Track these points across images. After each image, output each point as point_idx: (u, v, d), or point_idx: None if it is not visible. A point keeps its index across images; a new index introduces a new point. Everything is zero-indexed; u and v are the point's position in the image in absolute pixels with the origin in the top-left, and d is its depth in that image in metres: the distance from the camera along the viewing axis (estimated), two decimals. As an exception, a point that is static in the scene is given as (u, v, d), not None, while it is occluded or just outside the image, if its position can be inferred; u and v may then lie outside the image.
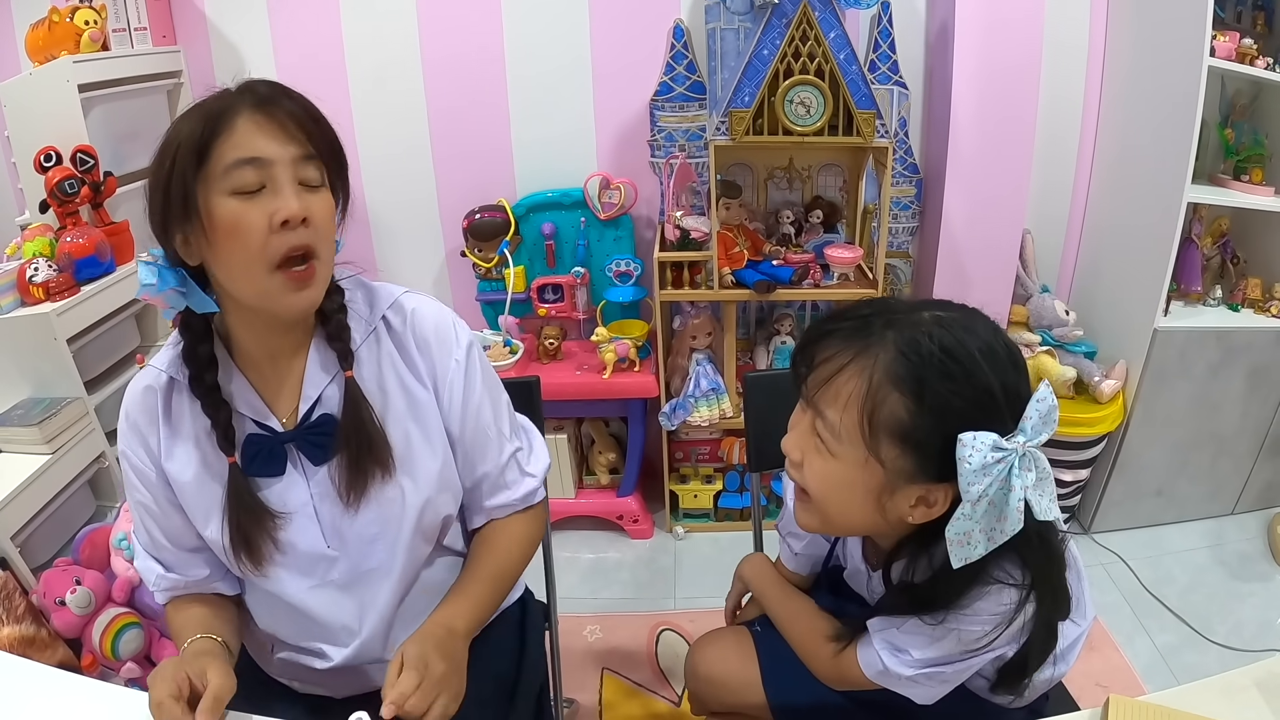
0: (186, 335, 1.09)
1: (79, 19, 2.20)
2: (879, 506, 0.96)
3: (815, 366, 0.98)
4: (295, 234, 0.99)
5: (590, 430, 2.79)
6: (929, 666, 1.06)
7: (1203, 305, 2.56)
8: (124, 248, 2.24)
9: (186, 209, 0.97)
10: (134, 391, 1.13)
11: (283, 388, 1.13)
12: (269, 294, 1.01)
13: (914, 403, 0.90)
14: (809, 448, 1.00)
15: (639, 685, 2.15)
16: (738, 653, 1.34)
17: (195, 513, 1.12)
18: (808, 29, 2.12)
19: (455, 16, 2.54)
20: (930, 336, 0.91)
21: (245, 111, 0.98)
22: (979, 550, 0.91)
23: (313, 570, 1.15)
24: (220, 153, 0.96)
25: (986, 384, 0.90)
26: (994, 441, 0.87)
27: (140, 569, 1.19)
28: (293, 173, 1.00)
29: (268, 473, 1.12)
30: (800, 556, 1.38)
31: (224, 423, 1.09)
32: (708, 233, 2.37)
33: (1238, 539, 2.65)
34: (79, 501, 2.10)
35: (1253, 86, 2.49)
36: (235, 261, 1.00)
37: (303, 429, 1.12)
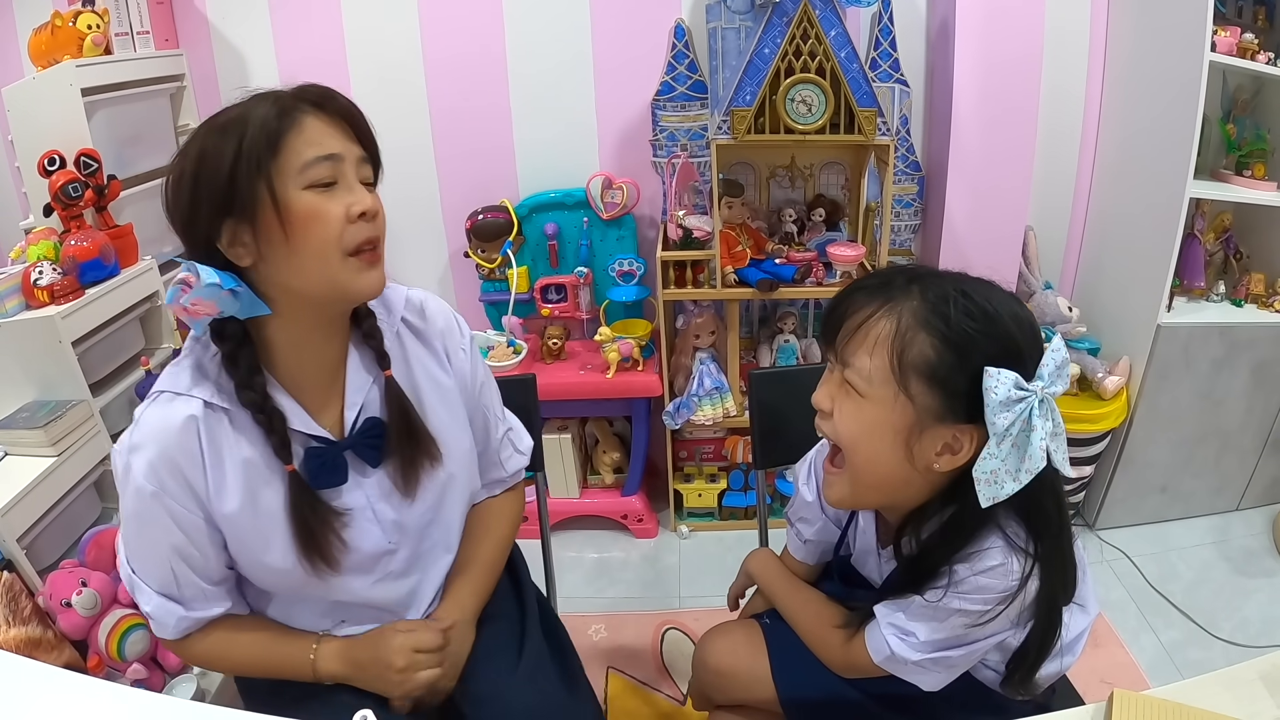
0: (224, 344, 1.07)
1: (82, 23, 2.21)
2: (908, 452, 0.99)
3: (843, 324, 1.02)
4: (370, 225, 1.04)
5: (594, 430, 2.79)
6: (936, 650, 1.07)
7: (1206, 301, 2.56)
8: (128, 251, 2.24)
9: (256, 199, 0.98)
10: (169, 427, 1.05)
11: (323, 397, 1.15)
12: (341, 279, 1.04)
13: (940, 342, 0.95)
14: (839, 396, 1.03)
15: (644, 684, 2.15)
16: (747, 646, 1.34)
17: (252, 541, 1.11)
18: (809, 27, 2.12)
19: (457, 17, 2.55)
20: (955, 289, 0.97)
21: (309, 110, 1.02)
22: (1007, 489, 0.94)
23: (374, 567, 1.20)
24: (294, 148, 0.99)
25: (1008, 330, 0.96)
26: (1016, 380, 0.92)
27: (154, 612, 1.12)
28: (357, 171, 1.05)
29: (332, 483, 1.14)
30: (809, 544, 1.38)
31: (280, 431, 1.08)
32: (710, 232, 2.38)
33: (1243, 535, 2.65)
34: (84, 504, 2.10)
35: (1254, 81, 2.49)
36: (311, 250, 1.01)
37: (357, 435, 1.16)
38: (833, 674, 1.23)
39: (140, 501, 1.05)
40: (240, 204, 0.99)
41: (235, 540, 1.11)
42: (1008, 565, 1.00)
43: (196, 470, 1.06)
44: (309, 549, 1.10)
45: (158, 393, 1.08)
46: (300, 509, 1.10)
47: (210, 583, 1.13)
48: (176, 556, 1.09)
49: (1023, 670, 1.10)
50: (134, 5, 2.41)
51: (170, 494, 1.05)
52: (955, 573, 1.02)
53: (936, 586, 1.03)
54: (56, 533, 1.99)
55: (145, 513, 1.06)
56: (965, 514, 1.01)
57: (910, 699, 1.16)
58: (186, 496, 1.06)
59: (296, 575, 1.13)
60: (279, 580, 1.16)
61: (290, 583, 1.15)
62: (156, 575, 1.11)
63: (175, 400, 1.06)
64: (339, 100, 1.06)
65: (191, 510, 1.07)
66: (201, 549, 1.09)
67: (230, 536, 1.10)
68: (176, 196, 1.02)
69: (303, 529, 1.10)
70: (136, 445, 1.05)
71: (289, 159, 0.99)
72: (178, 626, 1.13)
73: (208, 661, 1.20)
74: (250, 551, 1.11)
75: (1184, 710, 0.95)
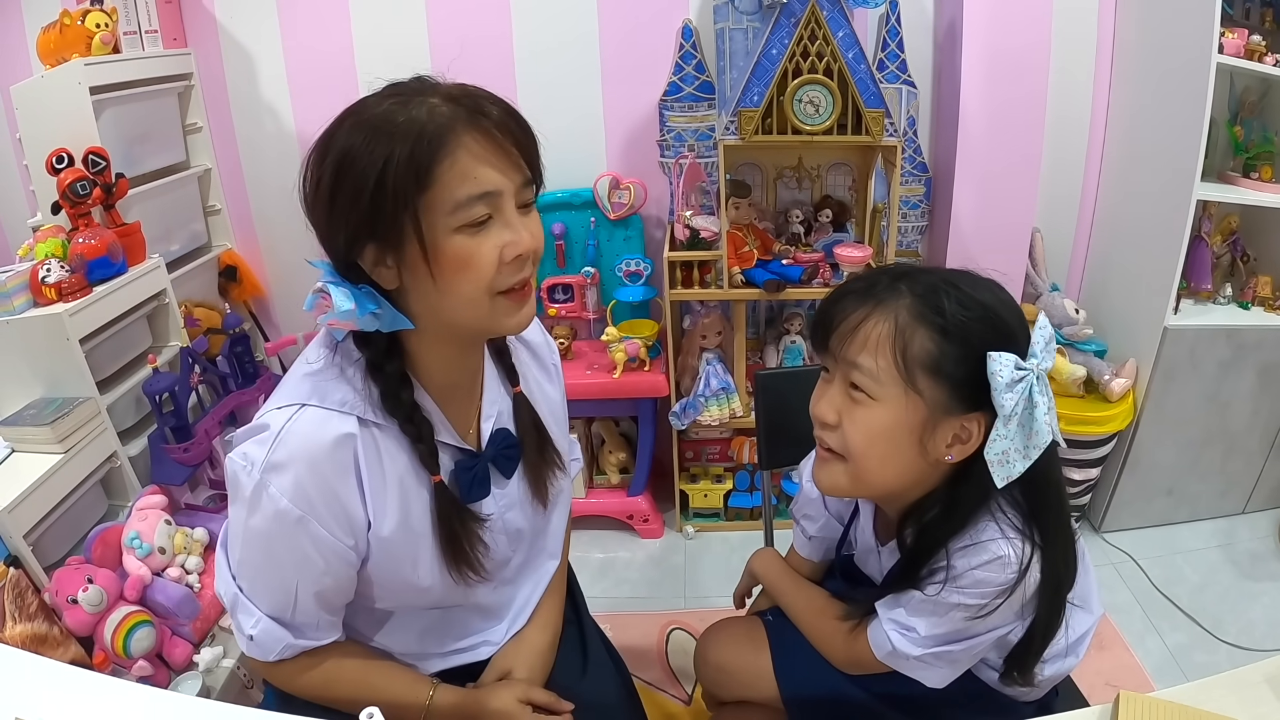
0: (370, 351, 1.01)
1: (90, 22, 2.21)
2: (921, 449, 1.01)
3: (836, 328, 1.03)
4: (523, 265, 0.97)
5: (600, 430, 2.79)
6: (937, 645, 1.07)
7: (1213, 303, 2.55)
8: (135, 248, 2.25)
9: (402, 233, 0.90)
10: (321, 445, 0.96)
11: (463, 409, 1.13)
12: (490, 318, 0.98)
13: (940, 335, 0.97)
14: (844, 406, 1.03)
15: (650, 684, 2.15)
16: (749, 642, 1.35)
17: (402, 561, 1.06)
18: (816, 28, 2.12)
19: (464, 15, 2.55)
20: (944, 282, 1.00)
21: (463, 130, 0.90)
22: (1018, 468, 0.97)
23: (494, 575, 1.18)
24: (446, 182, 0.89)
25: (999, 314, 0.99)
26: (1015, 361, 0.95)
27: (259, 636, 1.03)
28: (516, 200, 0.95)
29: (479, 495, 1.12)
30: (814, 540, 1.38)
31: (429, 441, 1.04)
32: (717, 232, 2.38)
33: (1249, 538, 2.64)
34: (91, 501, 2.11)
35: (1262, 83, 2.49)
36: (459, 293, 0.94)
37: (494, 447, 1.15)
38: (835, 672, 1.23)
39: (281, 525, 0.96)
40: (383, 232, 0.91)
41: (385, 561, 1.05)
42: (1005, 558, 1.00)
43: (353, 490, 1.00)
44: (457, 559, 1.08)
45: (300, 404, 0.98)
46: (449, 520, 1.06)
47: (330, 612, 1.08)
48: (307, 584, 1.01)
49: (1024, 660, 1.11)
50: (142, 4, 2.42)
51: (319, 519, 0.97)
52: (953, 567, 1.03)
53: (935, 581, 1.04)
54: (63, 529, 1.99)
55: (282, 537, 0.98)
56: (962, 495, 1.03)
57: (913, 698, 1.16)
58: (335, 523, 0.99)
59: (440, 590, 1.11)
60: (417, 598, 1.13)
61: (431, 598, 1.13)
62: (271, 600, 1.03)
63: (328, 417, 0.98)
64: (499, 112, 0.94)
65: (338, 537, 1.00)
66: (336, 577, 1.03)
67: (380, 557, 1.05)
68: (314, 204, 0.95)
69: (450, 540, 1.07)
70: (279, 464, 0.95)
71: (439, 194, 0.89)
72: (281, 654, 1.05)
73: (307, 690, 1.11)
74: (398, 572, 1.07)
75: (1190, 712, 0.95)
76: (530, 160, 0.97)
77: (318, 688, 1.11)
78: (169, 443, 2.21)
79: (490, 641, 1.25)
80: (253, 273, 2.82)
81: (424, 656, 1.21)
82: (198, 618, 1.87)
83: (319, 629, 1.07)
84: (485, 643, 1.24)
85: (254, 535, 0.99)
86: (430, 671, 1.21)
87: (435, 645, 1.22)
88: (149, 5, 2.45)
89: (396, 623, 1.18)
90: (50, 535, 1.94)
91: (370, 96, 0.95)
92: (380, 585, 1.09)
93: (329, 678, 1.11)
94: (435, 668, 1.22)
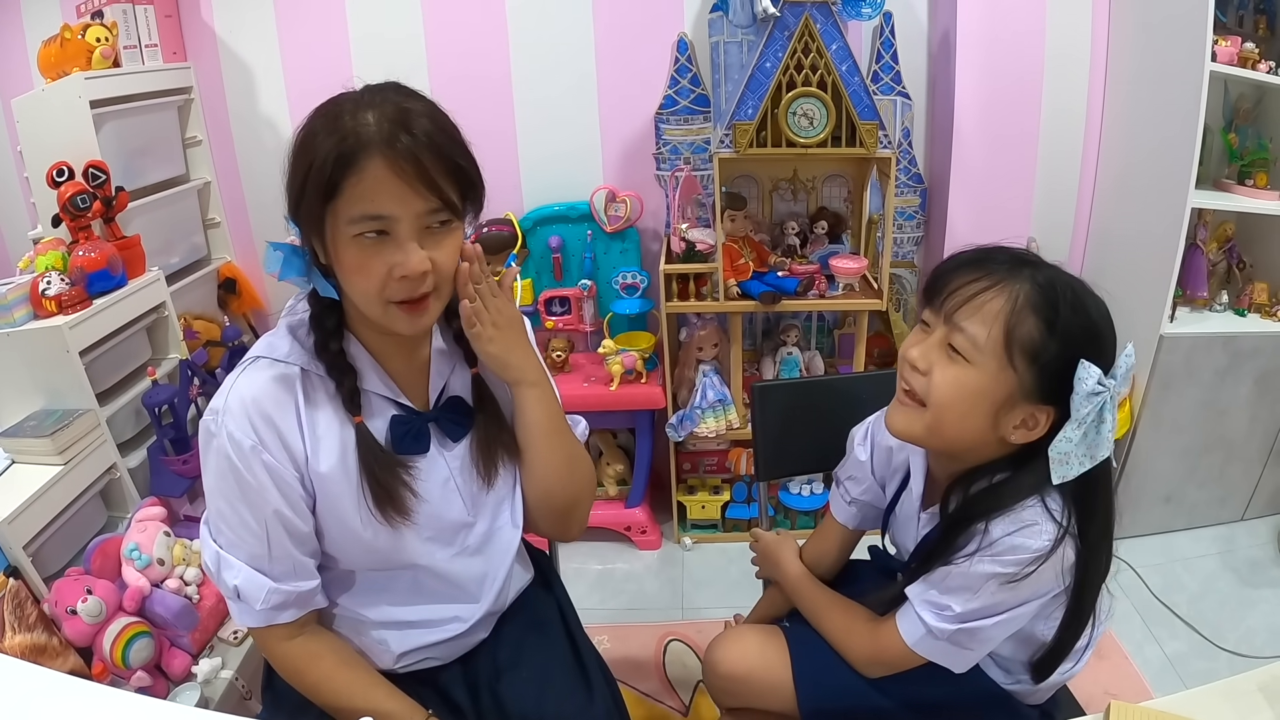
0: (315, 304, 1.13)
1: (90, 36, 2.23)
2: (994, 420, 1.06)
3: (954, 290, 1.07)
4: (412, 284, 1.04)
5: (598, 442, 2.80)
6: (971, 620, 1.09)
7: (1209, 310, 2.56)
8: (135, 261, 2.26)
9: (319, 228, 1.02)
10: (259, 384, 1.08)
11: (410, 372, 1.20)
12: (384, 319, 1.07)
13: (1048, 328, 1.02)
14: (938, 358, 1.08)
15: (647, 695, 2.15)
16: (763, 651, 1.33)
17: (343, 503, 1.12)
18: (810, 41, 2.13)
19: (462, 28, 2.57)
20: (1062, 279, 1.06)
21: (376, 154, 0.98)
22: (1074, 470, 1.03)
23: (454, 539, 1.23)
24: (349, 196, 0.99)
25: (1101, 324, 1.05)
26: (1100, 376, 0.99)
27: (243, 585, 1.10)
28: (416, 224, 1.02)
29: (415, 450, 1.17)
30: (854, 504, 1.39)
31: (350, 386, 1.12)
32: (713, 245, 2.39)
33: (1248, 545, 2.64)
34: (90, 512, 2.11)
35: (1256, 91, 2.50)
36: (354, 291, 1.06)
37: (441, 410, 1.21)
38: (856, 680, 1.23)
39: (238, 455, 1.05)
40: (306, 223, 1.04)
41: (325, 503, 1.12)
42: (1040, 526, 1.05)
43: (293, 427, 1.09)
44: (380, 500, 1.12)
45: (254, 358, 1.11)
46: (368, 461, 1.12)
47: (303, 552, 1.13)
48: (274, 519, 1.08)
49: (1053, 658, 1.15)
50: (142, 18, 2.44)
51: (268, 448, 1.06)
52: (988, 532, 1.06)
53: (968, 552, 1.07)
54: (62, 540, 1.99)
55: (243, 469, 1.06)
56: (1015, 481, 1.08)
57: (930, 705, 1.18)
58: (283, 452, 1.08)
59: (381, 540, 1.15)
60: (364, 552, 1.17)
61: (377, 554, 1.17)
62: (247, 545, 1.10)
63: (273, 365, 1.10)
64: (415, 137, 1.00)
65: (287, 466, 1.08)
66: (297, 509, 1.10)
67: (321, 499, 1.12)
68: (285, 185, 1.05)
69: (373, 480, 1.12)
70: (231, 406, 1.06)
71: (342, 206, 0.99)
72: (266, 601, 1.10)
73: (300, 666, 1.16)
74: (340, 516, 1.13)
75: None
76: (441, 187, 1.02)
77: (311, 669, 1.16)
78: (168, 454, 2.22)
79: (461, 618, 1.26)
80: (252, 285, 2.84)
81: (398, 625, 1.23)
82: (196, 629, 1.87)
83: (298, 574, 1.13)
84: (457, 618, 1.25)
85: (220, 479, 1.08)
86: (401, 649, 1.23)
87: (407, 613, 1.23)
88: (149, 19, 2.47)
89: (366, 585, 1.21)
90: (50, 546, 1.94)
91: (348, 92, 1.04)
92: (329, 535, 1.15)
93: (325, 667, 1.16)
94: (409, 644, 1.23)
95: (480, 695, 1.28)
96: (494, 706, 1.26)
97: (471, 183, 1.08)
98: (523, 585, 1.37)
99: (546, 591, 1.44)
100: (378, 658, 1.23)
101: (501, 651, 1.31)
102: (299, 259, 1.09)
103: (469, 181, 1.07)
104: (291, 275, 1.08)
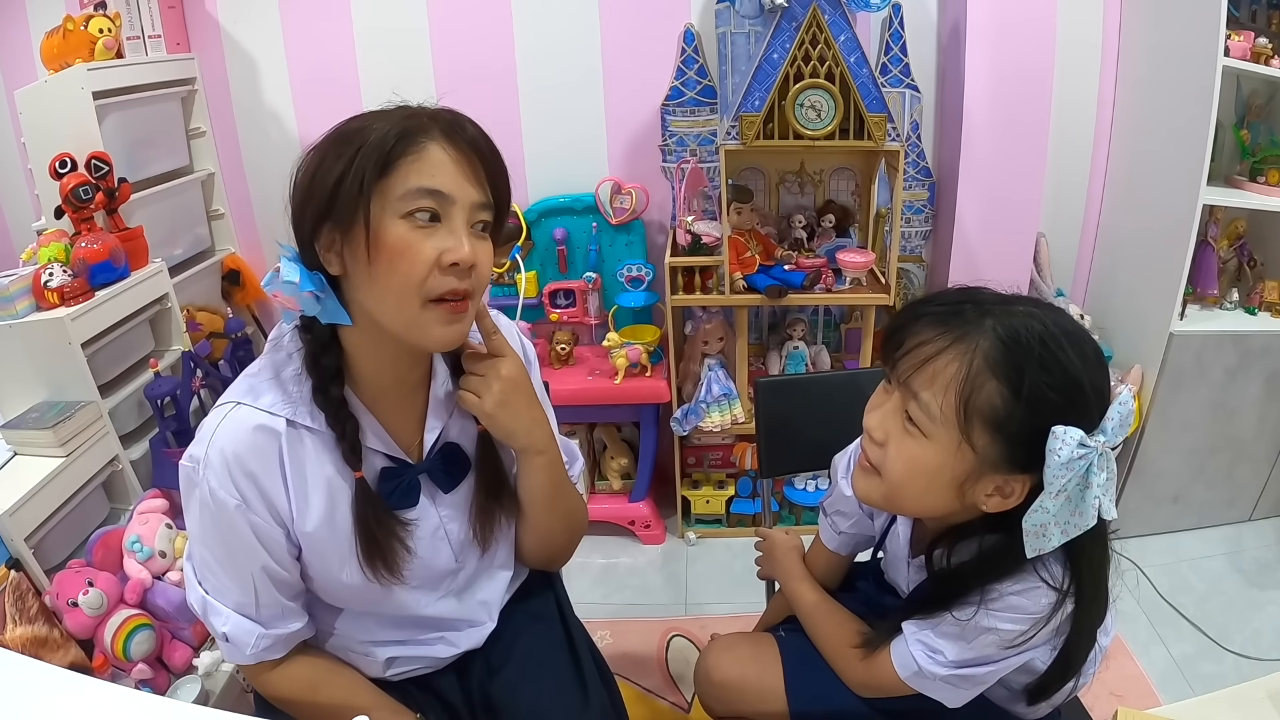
0: (310, 342, 1.05)
1: (93, 27, 2.22)
2: (959, 493, 0.97)
3: (909, 349, 0.98)
4: (459, 278, 0.98)
5: (602, 435, 2.79)
6: (963, 668, 1.06)
7: (1219, 309, 2.54)
8: (138, 253, 2.25)
9: (353, 214, 0.95)
10: (241, 437, 1.01)
11: (404, 418, 1.14)
12: (416, 325, 0.99)
13: (1010, 392, 0.90)
14: (895, 429, 1.00)
15: (649, 691, 2.14)
16: (755, 659, 1.32)
17: (329, 559, 1.09)
18: (818, 32, 2.11)
19: (467, 19, 2.56)
20: (1029, 329, 0.92)
21: (437, 137, 0.97)
22: (1053, 542, 0.93)
23: (440, 584, 1.22)
24: (405, 172, 0.95)
25: (1079, 380, 0.91)
26: (1080, 438, 0.88)
27: (232, 632, 1.07)
28: (469, 215, 0.98)
29: (404, 504, 1.13)
30: (844, 536, 1.34)
31: (352, 437, 1.06)
32: (719, 237, 2.37)
33: (1256, 546, 2.62)
34: (92, 504, 2.11)
35: (1269, 86, 2.47)
36: (390, 286, 0.97)
37: (434, 460, 1.15)
38: (848, 690, 1.21)
39: (223, 514, 1.01)
40: (341, 210, 0.95)
41: (313, 557, 1.09)
42: (1041, 590, 0.98)
43: (277, 485, 1.04)
44: (371, 556, 1.08)
45: (233, 403, 1.04)
46: (365, 517, 1.08)
47: (289, 598, 1.11)
48: (261, 572, 1.06)
49: (1048, 689, 1.09)
50: (145, 9, 2.43)
51: (252, 508, 1.02)
52: (989, 590, 1.00)
53: (968, 604, 1.01)
54: (64, 533, 1.99)
55: (226, 526, 1.02)
56: (1004, 549, 0.98)
57: (921, 713, 1.15)
58: (267, 511, 1.04)
59: (367, 592, 1.12)
60: (351, 597, 1.15)
61: (362, 600, 1.15)
62: (234, 594, 1.07)
63: (255, 415, 1.02)
64: (473, 133, 1.00)
65: (273, 524, 1.04)
66: (283, 563, 1.07)
67: (307, 551, 1.09)
68: (293, 195, 1.00)
69: (367, 537, 1.08)
70: (212, 458, 1.01)
71: (395, 181, 0.95)
72: (256, 645, 1.08)
73: (290, 693, 1.15)
74: (325, 569, 1.10)
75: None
76: (494, 186, 1.01)
77: (305, 689, 1.15)
78: (170, 446, 2.21)
79: (449, 641, 1.25)
80: (255, 277, 2.83)
81: (385, 644, 1.22)
82: (197, 621, 1.87)
83: (285, 617, 1.11)
84: (443, 640, 1.25)
85: (205, 530, 1.05)
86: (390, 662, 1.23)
87: (396, 635, 1.23)
88: (152, 10, 2.46)
89: (351, 614, 1.20)
90: (51, 538, 1.94)
91: (359, 114, 1.01)
92: (314, 580, 1.12)
93: (312, 688, 1.15)
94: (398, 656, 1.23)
95: (474, 694, 1.27)
96: (486, 706, 1.26)
97: (507, 198, 1.05)
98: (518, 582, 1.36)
99: (545, 587, 1.42)
100: (367, 668, 1.23)
101: (495, 650, 1.30)
102: (312, 273, 1.00)
103: (507, 196, 1.04)
104: (309, 288, 0.98)
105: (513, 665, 1.28)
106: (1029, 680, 1.12)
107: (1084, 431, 0.89)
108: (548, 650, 1.33)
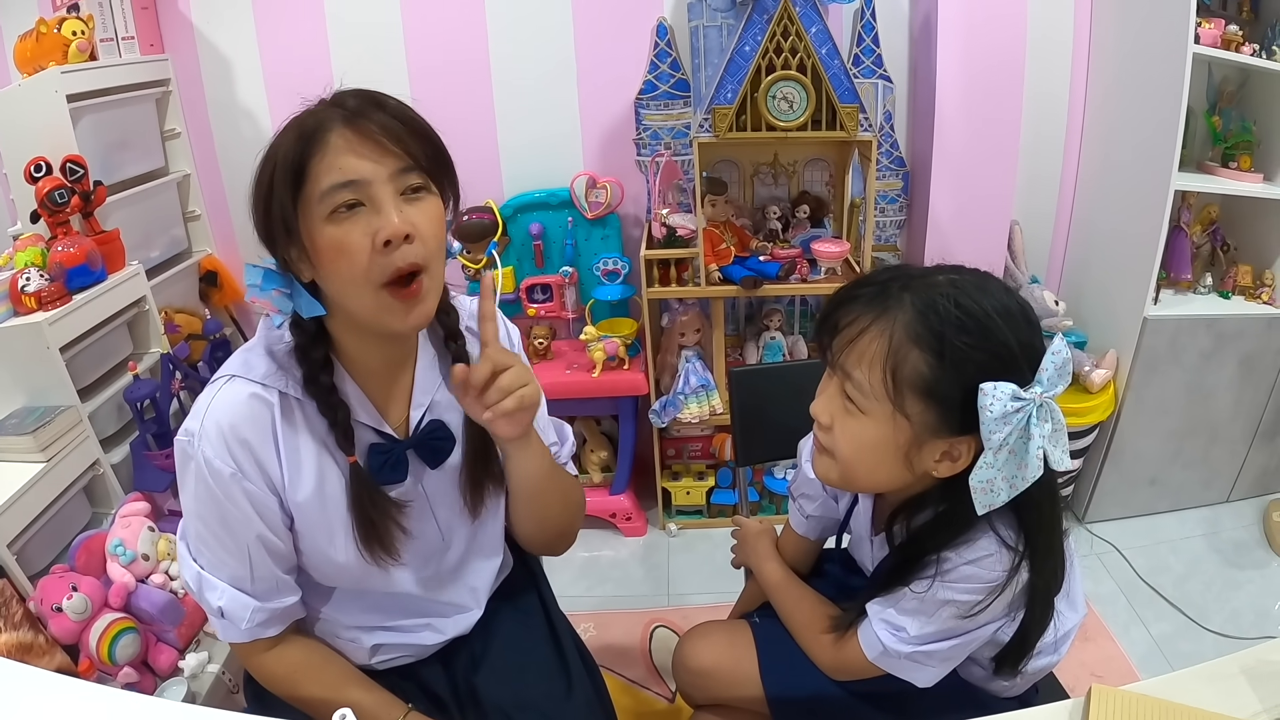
0: (299, 335, 1.07)
1: (66, 29, 2.21)
2: (907, 463, 1.00)
3: (839, 331, 1.01)
4: (400, 252, 0.97)
5: (582, 429, 2.80)
6: (927, 643, 1.07)
7: (1193, 293, 2.56)
8: (115, 256, 2.25)
9: (289, 232, 0.97)
10: (235, 407, 1.04)
11: (392, 395, 1.15)
12: (378, 312, 1.00)
13: (934, 358, 0.93)
14: (838, 411, 1.02)
15: (633, 682, 2.16)
16: (729, 645, 1.34)
17: (319, 532, 1.11)
18: (789, 25, 2.12)
19: (440, 17, 2.56)
20: (946, 296, 0.95)
21: (336, 128, 0.96)
22: (1001, 497, 0.95)
23: (427, 563, 1.23)
24: (316, 174, 0.95)
25: (1003, 339, 0.94)
26: (1013, 392, 0.90)
27: (228, 606, 1.09)
28: (393, 187, 0.97)
29: (392, 479, 1.14)
30: (811, 519, 1.36)
31: (344, 423, 1.07)
32: (694, 230, 2.38)
33: (1233, 526, 2.65)
34: (74, 509, 2.11)
35: (1240, 73, 2.49)
36: (341, 282, 0.99)
37: (421, 436, 1.16)
38: (820, 672, 1.23)
39: (218, 483, 1.03)
40: (278, 231, 0.98)
41: (303, 529, 1.11)
42: (997, 555, 1.00)
43: (270, 454, 1.06)
44: (369, 539, 1.10)
45: (228, 376, 1.06)
46: (361, 500, 1.09)
47: (284, 569, 1.12)
48: (256, 542, 1.07)
49: (1012, 659, 1.11)
50: (119, 11, 2.42)
51: (247, 475, 1.04)
52: (944, 560, 1.02)
53: (925, 577, 1.04)
54: (47, 538, 1.99)
55: (221, 496, 1.04)
56: (957, 511, 1.00)
57: (896, 696, 1.17)
58: (261, 479, 1.05)
59: (358, 568, 1.13)
60: (340, 574, 1.16)
61: (351, 576, 1.16)
62: (230, 567, 1.08)
63: (249, 386, 1.05)
64: (373, 109, 0.99)
65: (267, 491, 1.06)
66: (278, 532, 1.09)
67: (299, 521, 1.10)
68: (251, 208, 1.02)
69: (364, 520, 1.09)
70: (208, 430, 1.03)
71: (311, 189, 0.95)
72: (251, 620, 1.10)
73: (281, 675, 1.16)
74: (315, 542, 1.11)
75: (1162, 705, 0.95)
76: (413, 143, 0.99)
77: (292, 671, 1.16)
78: (151, 449, 2.21)
79: (435, 628, 1.26)
80: (233, 278, 2.82)
81: (372, 629, 1.23)
82: (182, 623, 1.87)
83: (279, 591, 1.12)
84: (430, 627, 1.26)
85: (200, 503, 1.06)
86: (377, 649, 1.24)
87: (382, 619, 1.24)
88: (126, 12, 2.44)
89: (340, 594, 1.21)
90: (34, 544, 1.94)
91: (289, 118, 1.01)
92: (305, 554, 1.13)
93: (304, 671, 1.16)
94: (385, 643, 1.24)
95: (459, 686, 1.28)
96: (471, 697, 1.27)
97: (439, 152, 1.04)
98: (504, 575, 1.37)
99: (528, 579, 1.44)
100: (353, 655, 1.23)
101: (480, 642, 1.31)
102: (279, 275, 1.03)
103: (436, 150, 1.03)
104: (273, 288, 1.01)
105: (498, 656, 1.30)
106: (998, 650, 1.13)
107: (1017, 385, 0.91)
108: (532, 642, 1.35)
